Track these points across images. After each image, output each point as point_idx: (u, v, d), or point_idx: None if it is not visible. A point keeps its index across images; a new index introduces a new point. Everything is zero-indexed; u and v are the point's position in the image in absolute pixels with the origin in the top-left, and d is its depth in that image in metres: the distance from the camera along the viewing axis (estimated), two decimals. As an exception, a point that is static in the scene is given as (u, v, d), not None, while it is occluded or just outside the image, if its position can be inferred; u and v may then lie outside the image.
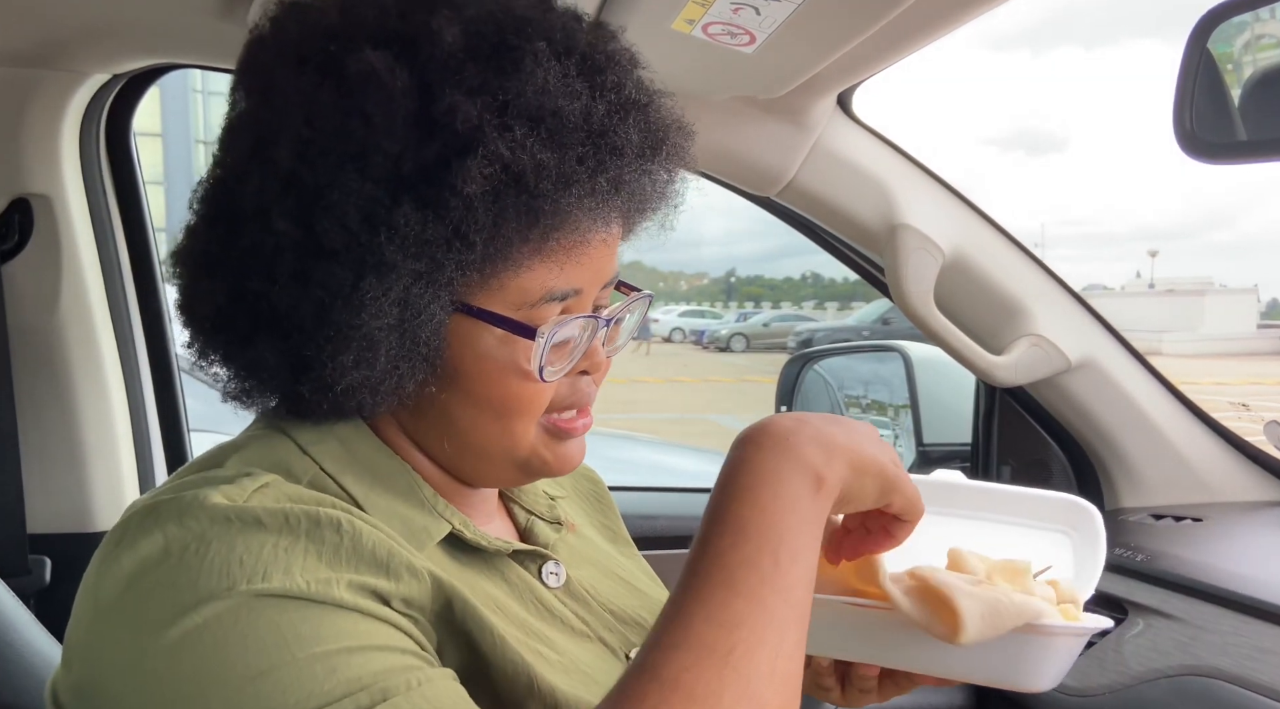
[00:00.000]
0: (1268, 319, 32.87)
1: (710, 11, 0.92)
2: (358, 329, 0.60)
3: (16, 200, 1.31)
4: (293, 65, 0.62)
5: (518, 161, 0.59)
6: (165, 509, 0.57)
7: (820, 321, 28.24)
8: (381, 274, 0.60)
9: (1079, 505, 0.91)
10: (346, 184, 0.59)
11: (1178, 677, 0.98)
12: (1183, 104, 0.88)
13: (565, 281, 0.66)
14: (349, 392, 0.63)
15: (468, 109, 0.59)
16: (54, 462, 1.37)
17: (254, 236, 0.61)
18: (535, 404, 0.68)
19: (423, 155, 0.59)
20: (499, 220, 0.60)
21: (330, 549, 0.56)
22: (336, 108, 0.60)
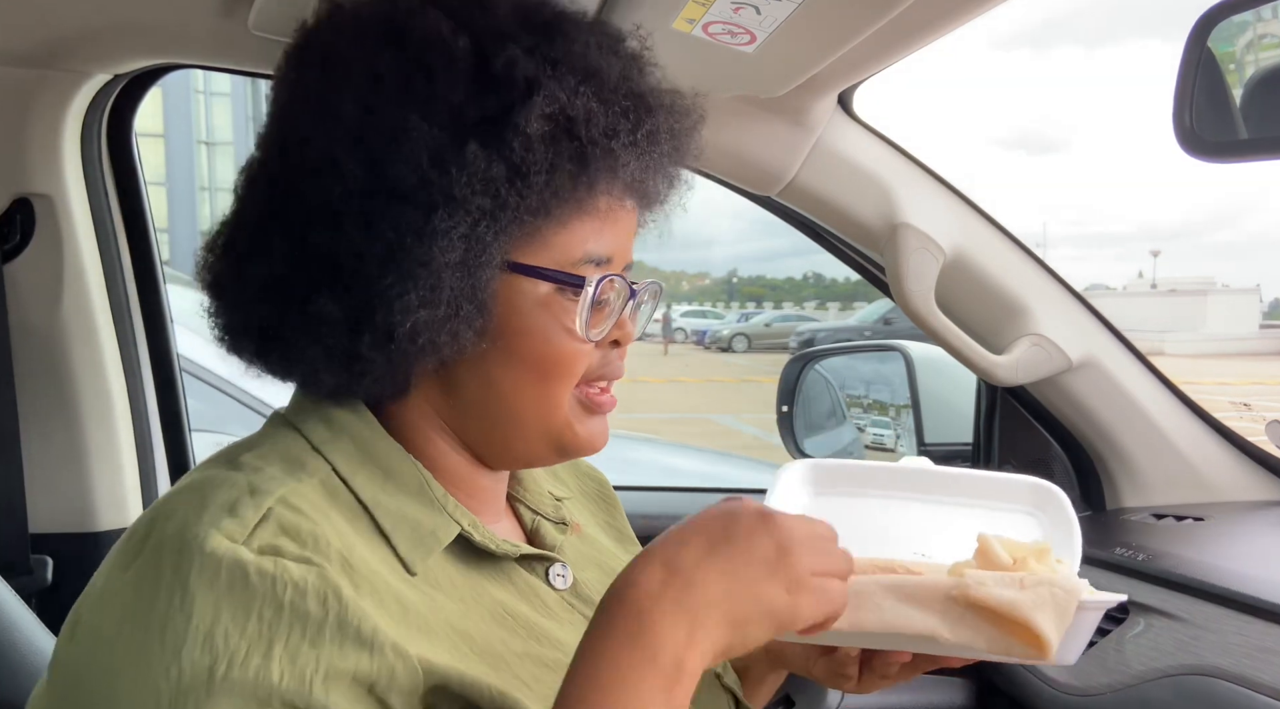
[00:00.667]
0: (1270, 319, 32.83)
1: (710, 11, 0.92)
2: (427, 265, 0.63)
3: (18, 200, 1.32)
4: (353, 36, 0.67)
5: (573, 106, 0.64)
6: (167, 544, 0.58)
7: (822, 322, 28.24)
8: (452, 209, 0.63)
9: (1043, 488, 0.93)
10: (414, 130, 0.63)
11: (1179, 676, 0.98)
12: (1183, 102, 0.88)
13: (602, 246, 0.70)
14: (412, 337, 0.64)
15: (525, 62, 0.64)
16: (55, 461, 1.37)
17: (320, 189, 0.64)
18: (575, 366, 0.70)
19: (485, 104, 0.64)
20: (555, 163, 0.65)
21: (314, 626, 0.56)
22: (400, 67, 0.64)
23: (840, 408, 2.27)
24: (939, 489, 0.95)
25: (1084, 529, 1.42)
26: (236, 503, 0.60)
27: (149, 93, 1.44)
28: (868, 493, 0.98)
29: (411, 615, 0.61)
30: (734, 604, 0.59)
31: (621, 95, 0.67)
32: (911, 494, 0.96)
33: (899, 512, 0.95)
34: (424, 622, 0.62)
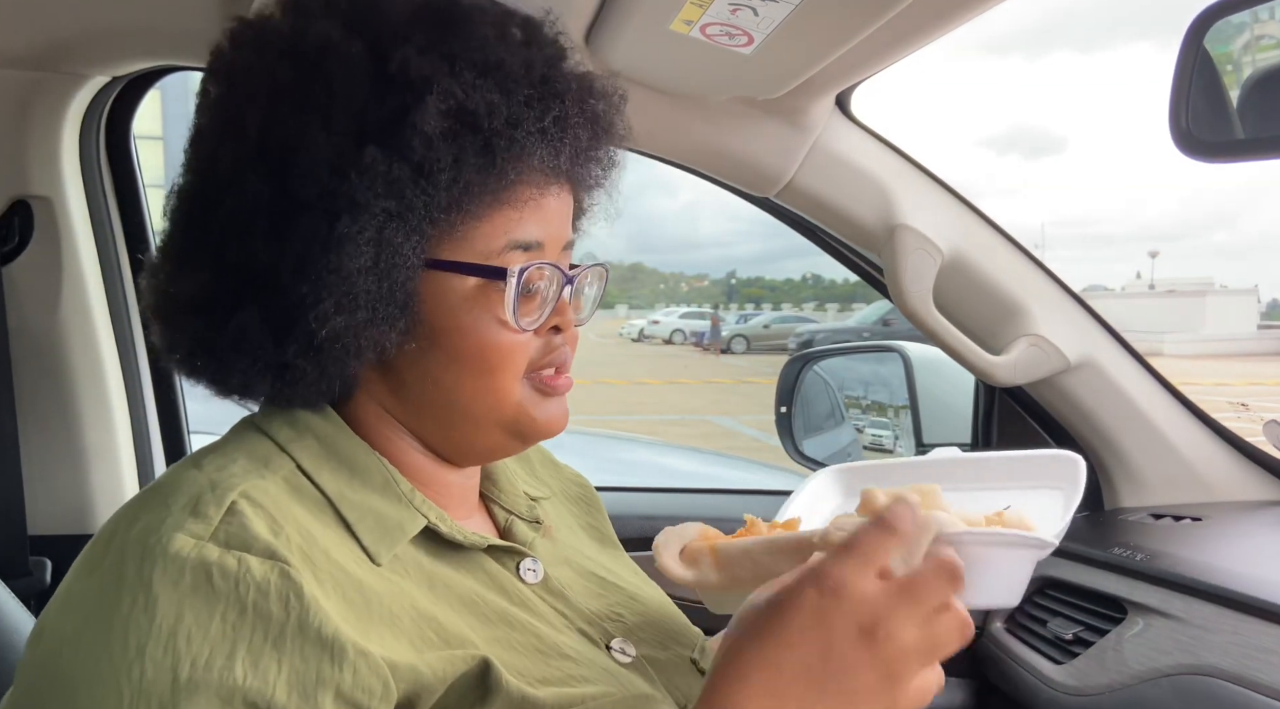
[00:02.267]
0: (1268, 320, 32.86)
1: (708, 12, 0.92)
2: (336, 271, 0.64)
3: (17, 202, 1.32)
4: (254, 51, 0.68)
5: (471, 100, 0.65)
6: (130, 547, 0.58)
7: (821, 323, 28.25)
8: (355, 214, 0.64)
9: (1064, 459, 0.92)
10: (314, 139, 0.64)
11: (1178, 676, 0.98)
12: (1179, 103, 0.89)
13: (526, 232, 0.70)
14: (333, 343, 0.65)
15: (419, 61, 0.65)
16: (54, 463, 1.37)
17: (231, 206, 0.65)
18: (514, 357, 0.70)
19: (383, 107, 0.65)
20: (459, 158, 0.65)
21: (276, 627, 0.56)
22: (298, 77, 0.65)
23: (839, 409, 2.27)
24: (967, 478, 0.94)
25: (1083, 529, 1.43)
26: (199, 500, 0.60)
27: (147, 95, 1.44)
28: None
29: (374, 606, 0.62)
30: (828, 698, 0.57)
31: (525, 84, 0.68)
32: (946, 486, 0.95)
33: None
34: (387, 611, 0.62)
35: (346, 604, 0.60)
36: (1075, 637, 1.16)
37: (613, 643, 0.75)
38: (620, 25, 0.99)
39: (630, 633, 0.78)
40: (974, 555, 0.67)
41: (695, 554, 0.75)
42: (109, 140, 1.42)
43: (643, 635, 0.78)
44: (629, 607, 0.81)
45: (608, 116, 0.75)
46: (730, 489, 1.99)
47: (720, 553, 0.73)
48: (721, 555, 0.72)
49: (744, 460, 4.10)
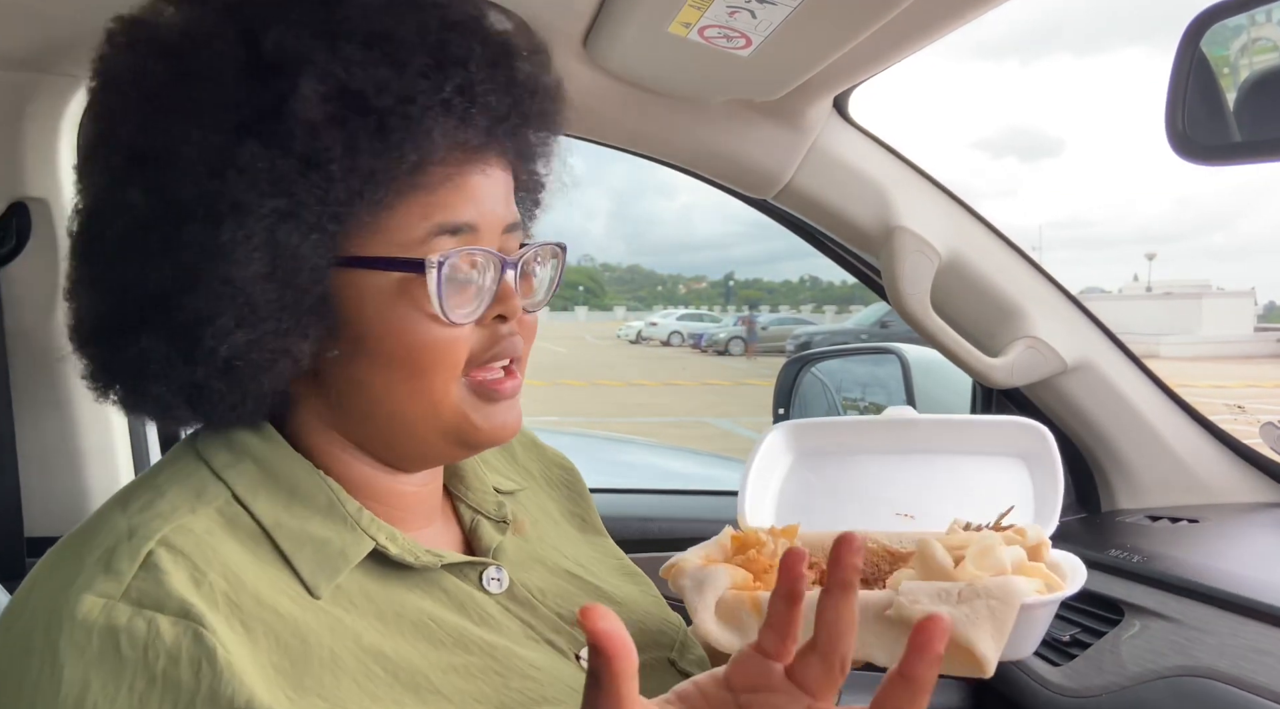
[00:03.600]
0: (1265, 322, 32.90)
1: (706, 15, 0.92)
2: (230, 283, 0.59)
3: (14, 204, 1.31)
4: (125, 54, 0.63)
5: (354, 79, 0.59)
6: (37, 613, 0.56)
7: (819, 325, 28.26)
8: (240, 218, 0.58)
9: (1030, 428, 0.91)
10: (188, 140, 0.58)
11: (1175, 678, 0.98)
12: (1175, 105, 0.89)
13: (451, 215, 0.63)
14: (241, 361, 0.60)
15: (293, 40, 0.59)
16: (52, 465, 1.37)
17: (114, 221, 0.61)
18: (449, 354, 0.64)
19: (260, 98, 0.59)
20: (351, 144, 0.59)
21: (186, 698, 0.53)
22: (167, 74, 0.60)
23: (837, 410, 2.28)
24: (926, 440, 0.93)
25: (1080, 531, 1.43)
26: (112, 553, 0.57)
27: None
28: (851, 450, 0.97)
29: (314, 649, 0.58)
30: None
31: (420, 52, 0.61)
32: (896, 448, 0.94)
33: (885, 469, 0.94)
34: (328, 652, 0.59)
35: (281, 650, 0.57)
36: (1072, 638, 1.16)
37: (582, 652, 0.71)
38: (618, 28, 0.99)
39: None
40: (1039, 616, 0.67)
41: (734, 609, 0.70)
42: (106, 142, 1.42)
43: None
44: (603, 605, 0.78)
45: (531, 78, 0.68)
46: (729, 491, 1.98)
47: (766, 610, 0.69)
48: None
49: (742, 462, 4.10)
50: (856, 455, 0.96)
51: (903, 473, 0.93)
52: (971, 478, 0.91)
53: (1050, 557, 0.75)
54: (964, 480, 0.89)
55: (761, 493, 0.95)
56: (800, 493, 0.96)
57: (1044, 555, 0.75)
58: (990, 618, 0.63)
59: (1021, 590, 0.65)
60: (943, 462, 0.93)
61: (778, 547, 0.76)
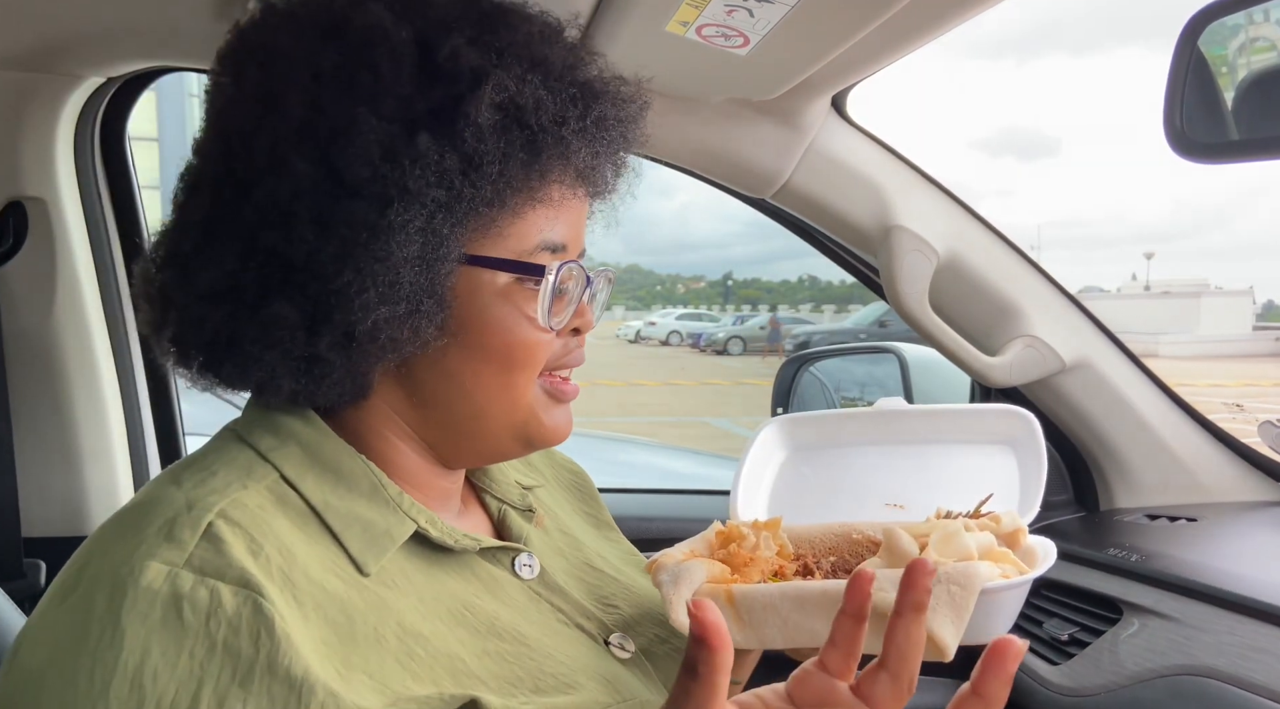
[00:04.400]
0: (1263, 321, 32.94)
1: (704, 14, 0.92)
2: (384, 260, 0.62)
3: (11, 203, 1.31)
4: (291, 33, 0.65)
5: (522, 95, 0.64)
6: (101, 580, 0.57)
7: (817, 324, 28.28)
8: (407, 203, 0.62)
9: (1017, 415, 0.92)
10: (364, 123, 0.62)
11: (1173, 676, 0.98)
12: (1173, 104, 0.89)
13: (557, 234, 0.69)
14: (372, 335, 0.63)
15: (470, 53, 0.64)
16: (49, 465, 1.37)
17: (269, 189, 0.63)
18: (537, 355, 0.69)
19: (432, 96, 0.63)
20: (507, 152, 0.64)
21: (245, 665, 0.54)
22: (343, 61, 0.63)
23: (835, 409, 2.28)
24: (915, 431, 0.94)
25: (1078, 530, 1.43)
26: (173, 524, 0.58)
27: (143, 96, 1.44)
28: (844, 443, 0.98)
29: (359, 626, 0.60)
30: None
31: (567, 83, 0.67)
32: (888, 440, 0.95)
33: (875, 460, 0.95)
34: (372, 630, 0.61)
35: (329, 626, 0.59)
36: (1071, 638, 1.16)
37: (611, 638, 0.75)
38: (616, 26, 0.99)
39: (628, 626, 0.77)
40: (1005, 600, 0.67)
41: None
42: (104, 141, 1.41)
43: (640, 628, 0.77)
44: (625, 597, 0.80)
45: (637, 122, 0.74)
46: (727, 490, 1.98)
47: (740, 603, 0.69)
48: (742, 606, 0.69)
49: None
50: (848, 447, 0.97)
51: (893, 463, 0.94)
52: (960, 466, 0.91)
53: (1026, 542, 0.75)
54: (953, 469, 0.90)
55: (754, 488, 0.96)
56: (793, 486, 0.97)
57: (1020, 541, 0.75)
58: (950, 603, 0.64)
59: (981, 575, 0.65)
60: (933, 451, 0.93)
61: (759, 540, 0.77)
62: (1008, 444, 0.92)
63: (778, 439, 0.99)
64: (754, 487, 0.96)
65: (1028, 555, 0.74)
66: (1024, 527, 0.75)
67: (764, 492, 0.96)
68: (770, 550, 0.77)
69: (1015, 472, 0.90)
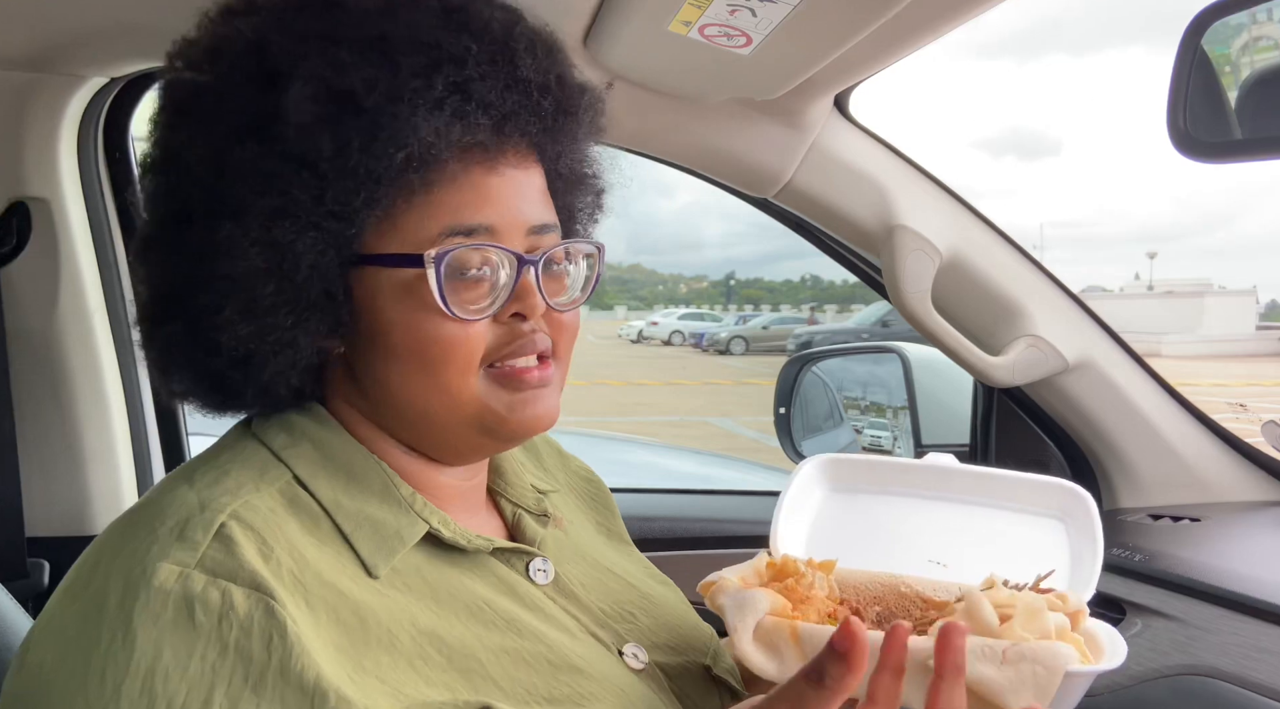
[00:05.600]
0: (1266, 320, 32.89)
1: (707, 13, 0.92)
2: (226, 278, 0.62)
3: (14, 204, 1.31)
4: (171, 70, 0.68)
5: (343, 80, 0.61)
6: (113, 578, 0.57)
7: (819, 324, 28.26)
8: (236, 216, 0.62)
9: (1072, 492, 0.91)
10: (195, 144, 0.63)
11: (1177, 676, 0.98)
12: (1176, 103, 0.89)
13: (461, 216, 0.64)
14: (251, 351, 0.64)
15: (291, 46, 0.62)
16: (52, 465, 1.37)
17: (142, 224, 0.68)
18: (458, 349, 0.65)
19: (259, 103, 0.61)
20: (343, 145, 0.61)
21: (257, 670, 0.54)
22: (190, 87, 0.65)
23: (837, 409, 2.27)
24: (962, 489, 0.92)
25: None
26: (186, 524, 0.58)
27: (146, 96, 1.44)
28: (887, 490, 0.96)
29: (371, 628, 0.60)
30: None
31: (414, 53, 0.62)
32: (933, 494, 0.93)
33: (917, 512, 0.93)
34: (385, 632, 0.60)
35: (341, 629, 0.58)
36: (1074, 637, 1.16)
37: (625, 648, 0.73)
38: (618, 26, 0.99)
39: (643, 636, 0.75)
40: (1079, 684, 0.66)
41: (773, 636, 0.70)
42: (107, 142, 1.42)
43: (655, 639, 0.76)
44: (641, 606, 0.79)
45: (542, 74, 0.67)
46: (729, 490, 1.98)
47: (805, 642, 0.67)
48: (807, 644, 0.67)
49: (743, 461, 4.10)
50: (890, 496, 0.95)
51: (936, 519, 0.92)
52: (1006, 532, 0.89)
53: (1087, 625, 0.73)
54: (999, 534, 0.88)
55: (794, 524, 0.94)
56: (832, 528, 0.95)
57: (1081, 623, 0.73)
58: (1034, 683, 0.63)
59: (1067, 657, 0.64)
60: (978, 513, 0.91)
61: (814, 579, 0.76)
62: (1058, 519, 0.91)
63: (819, 477, 0.97)
64: (794, 523, 0.94)
65: (1089, 638, 0.72)
66: (1085, 608, 0.74)
67: (804, 528, 0.94)
68: (823, 590, 0.76)
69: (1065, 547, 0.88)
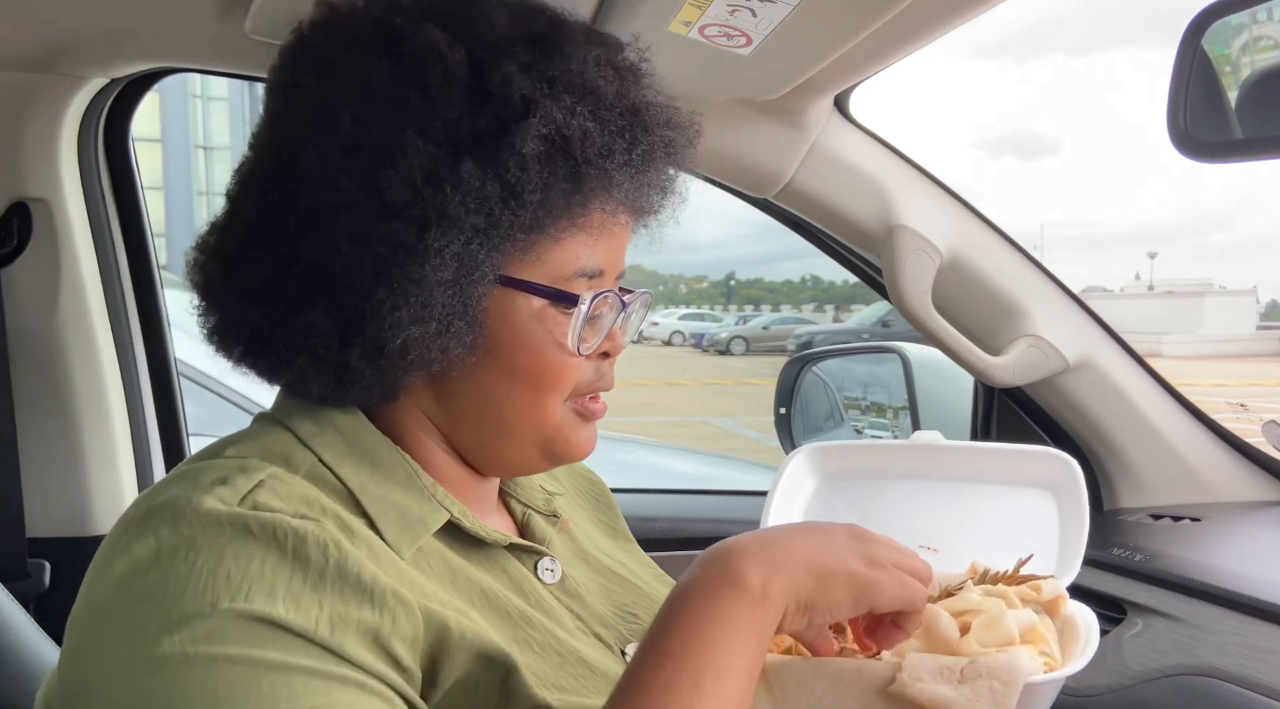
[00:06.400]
0: (1267, 320, 32.89)
1: (707, 13, 0.92)
2: (418, 282, 0.63)
3: (15, 204, 1.31)
4: (348, 45, 0.66)
5: (569, 126, 0.64)
6: (159, 513, 0.58)
7: (820, 324, 28.26)
8: (445, 228, 0.63)
9: (1060, 459, 0.90)
10: (410, 145, 0.62)
11: (1177, 676, 0.98)
12: (1176, 102, 0.89)
13: (595, 260, 0.70)
14: (401, 351, 0.64)
15: (522, 80, 0.64)
16: (53, 465, 1.37)
17: (313, 200, 0.64)
18: (566, 379, 0.70)
19: (479, 121, 0.64)
20: (549, 183, 0.64)
21: (315, 572, 0.56)
22: (395, 80, 0.64)
23: (838, 410, 2.27)
24: (952, 468, 0.92)
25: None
26: (228, 477, 0.60)
27: (146, 97, 1.44)
28: (877, 475, 0.96)
29: (405, 580, 0.61)
30: (815, 557, 0.62)
31: (618, 113, 0.67)
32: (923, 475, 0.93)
33: (909, 495, 0.93)
34: (419, 590, 0.62)
35: (381, 567, 0.60)
36: (1075, 637, 1.15)
37: (627, 648, 0.75)
38: (618, 26, 0.99)
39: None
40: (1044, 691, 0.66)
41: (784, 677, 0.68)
42: (107, 142, 1.42)
43: None
44: (645, 607, 0.80)
45: (685, 151, 0.75)
46: (729, 490, 1.99)
47: (773, 677, 0.66)
48: (774, 680, 0.66)
49: (743, 461, 4.10)
50: (881, 480, 0.95)
51: (927, 501, 0.91)
52: (997, 509, 0.89)
53: (1066, 611, 0.73)
54: (990, 511, 0.88)
55: (784, 520, 0.94)
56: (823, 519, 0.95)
57: (1060, 609, 0.72)
58: (991, 700, 0.62)
59: (1025, 670, 0.63)
60: (969, 490, 0.91)
61: None
62: (1048, 489, 0.90)
63: (807, 468, 0.97)
64: (783, 519, 0.94)
65: (1068, 625, 0.72)
66: (1065, 594, 0.73)
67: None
68: None
69: (1055, 520, 0.88)
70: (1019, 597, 0.71)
